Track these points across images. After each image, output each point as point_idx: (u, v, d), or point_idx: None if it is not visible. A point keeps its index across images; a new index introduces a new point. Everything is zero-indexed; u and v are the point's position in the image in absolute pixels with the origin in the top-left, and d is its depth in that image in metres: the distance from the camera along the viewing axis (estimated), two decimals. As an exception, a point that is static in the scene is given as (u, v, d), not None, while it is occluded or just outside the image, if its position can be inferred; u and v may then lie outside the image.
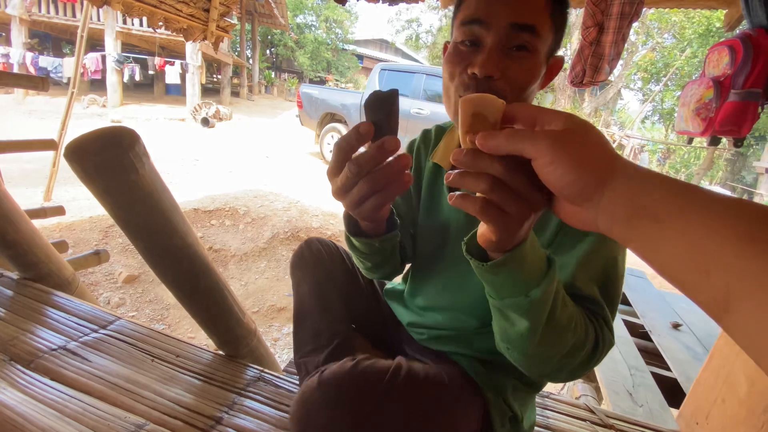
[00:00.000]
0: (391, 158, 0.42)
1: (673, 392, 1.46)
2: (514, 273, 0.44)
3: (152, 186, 0.78)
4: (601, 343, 0.54)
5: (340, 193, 0.45)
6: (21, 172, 4.65)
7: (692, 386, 1.17)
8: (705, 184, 11.24)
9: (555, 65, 0.63)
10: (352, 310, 0.92)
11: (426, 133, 0.85)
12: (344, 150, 0.43)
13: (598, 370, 1.45)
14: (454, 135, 0.77)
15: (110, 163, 0.70)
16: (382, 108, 0.43)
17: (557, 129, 0.32)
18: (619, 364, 1.51)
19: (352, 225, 0.60)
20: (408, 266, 0.88)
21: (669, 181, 0.28)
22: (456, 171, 0.37)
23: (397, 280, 0.99)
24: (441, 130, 0.82)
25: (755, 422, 0.90)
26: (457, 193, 0.38)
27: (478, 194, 0.37)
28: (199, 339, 2.59)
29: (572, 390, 1.44)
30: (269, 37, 19.29)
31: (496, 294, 0.48)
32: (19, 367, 1.01)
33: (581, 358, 0.52)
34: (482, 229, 0.42)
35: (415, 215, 0.84)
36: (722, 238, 0.23)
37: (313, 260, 0.90)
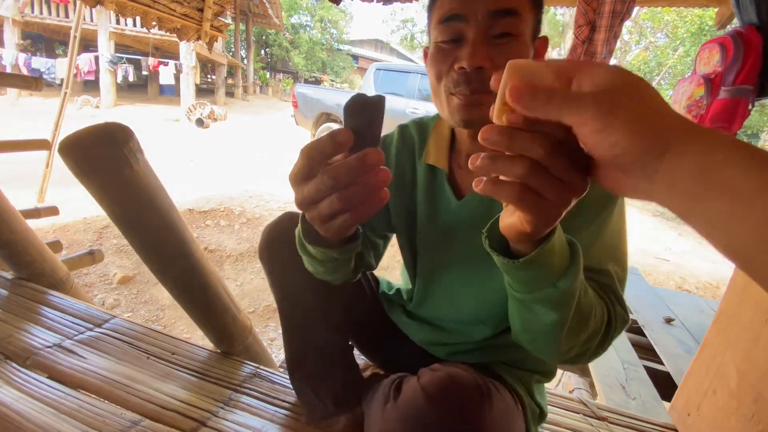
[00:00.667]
0: (370, 173, 0.37)
1: (665, 386, 1.48)
2: (545, 266, 0.40)
3: (147, 182, 0.78)
4: (614, 321, 0.53)
5: (305, 204, 0.39)
6: (14, 173, 4.62)
7: (683, 378, 1.18)
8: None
9: (541, 46, 0.62)
10: (348, 312, 0.83)
11: (404, 130, 0.77)
12: (314, 159, 0.37)
13: (592, 365, 1.47)
14: (442, 132, 0.72)
15: (105, 158, 0.71)
16: (365, 114, 0.37)
17: (603, 87, 0.27)
18: (613, 359, 1.53)
19: (310, 232, 0.52)
20: (399, 270, 0.82)
21: (747, 147, 0.24)
22: (485, 154, 0.32)
23: (392, 279, 0.94)
24: (422, 127, 0.76)
25: (746, 412, 0.92)
26: (485, 179, 0.34)
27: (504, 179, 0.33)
28: (194, 340, 2.58)
29: (566, 384, 1.46)
30: (264, 37, 19.25)
31: (523, 288, 0.44)
32: (15, 365, 1.01)
33: (598, 339, 0.52)
34: (511, 219, 0.37)
35: (382, 220, 0.77)
36: None
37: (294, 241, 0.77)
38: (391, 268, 3.34)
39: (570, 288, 0.42)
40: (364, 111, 0.37)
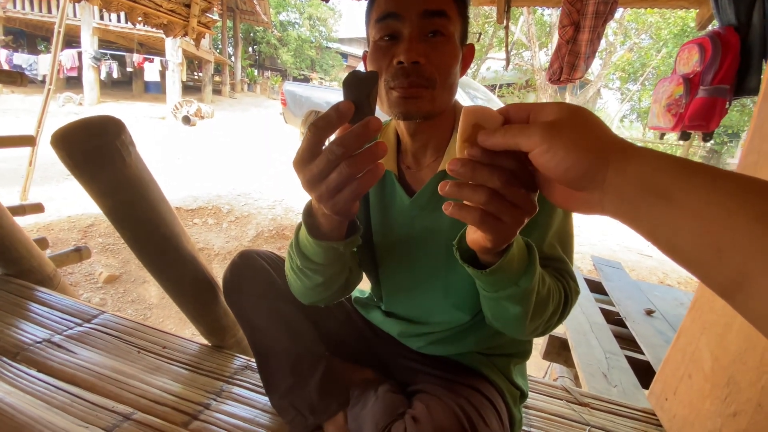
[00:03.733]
0: (371, 143, 0.41)
1: (646, 374, 1.53)
2: (507, 270, 0.47)
3: (139, 174, 0.79)
4: (570, 296, 0.62)
5: (314, 180, 0.42)
6: (-5, 171, 4.51)
7: (661, 365, 1.23)
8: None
9: (469, 53, 0.67)
10: (320, 328, 0.86)
11: None
12: (322, 130, 0.41)
13: (576, 355, 1.52)
14: (388, 136, 0.75)
15: (97, 150, 0.71)
16: (362, 88, 0.41)
17: (550, 117, 0.32)
18: (595, 350, 1.58)
19: (314, 228, 0.54)
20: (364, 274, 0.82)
21: (676, 160, 0.27)
22: (452, 181, 0.37)
23: (363, 287, 0.94)
24: None
25: (719, 394, 0.97)
26: (453, 202, 0.39)
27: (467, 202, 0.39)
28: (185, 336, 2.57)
29: (551, 373, 1.50)
30: (252, 34, 19.05)
31: (490, 288, 0.51)
32: (5, 359, 1.01)
33: (558, 314, 0.60)
34: (475, 235, 0.44)
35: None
36: (736, 218, 0.23)
37: (259, 278, 0.80)
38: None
39: (530, 285, 0.50)
40: (361, 84, 0.41)
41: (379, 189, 0.74)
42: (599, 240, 4.74)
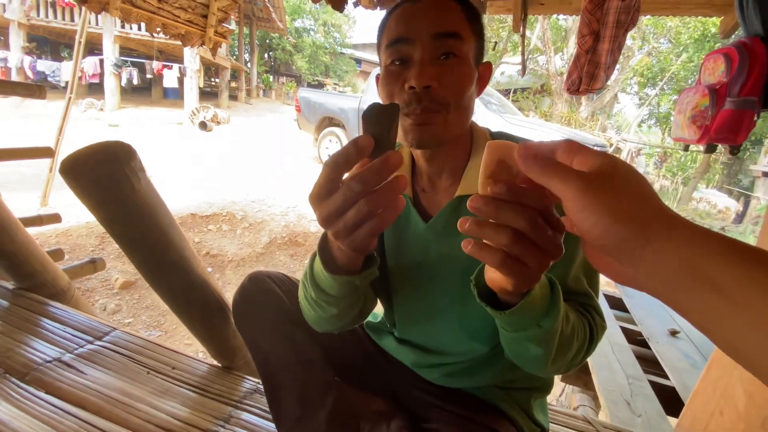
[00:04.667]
0: (390, 177, 0.39)
1: (671, 401, 1.46)
2: (528, 311, 0.44)
3: (148, 201, 0.78)
4: (596, 333, 0.59)
5: (331, 217, 0.40)
6: (19, 176, 4.64)
7: (690, 397, 1.17)
8: (702, 188, 11.29)
9: (485, 71, 0.65)
10: (331, 353, 0.82)
11: None
12: (339, 166, 0.39)
13: (596, 380, 1.45)
14: (403, 156, 0.73)
15: (106, 178, 0.70)
16: (382, 122, 0.40)
17: (592, 170, 0.29)
18: (617, 374, 1.51)
19: (329, 261, 0.52)
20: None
21: (729, 242, 0.24)
22: (473, 218, 0.35)
23: (375, 310, 0.89)
24: None
25: (753, 434, 0.90)
26: (473, 241, 0.36)
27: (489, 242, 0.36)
28: (195, 346, 2.58)
29: (570, 399, 1.44)
30: (267, 41, 19.33)
31: (510, 328, 0.49)
32: (15, 380, 1.01)
33: (583, 353, 0.57)
34: (494, 275, 0.41)
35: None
36: None
37: (270, 302, 0.78)
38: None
39: (553, 327, 0.47)
40: (381, 118, 0.40)
41: None
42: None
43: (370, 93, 6.13)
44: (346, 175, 0.40)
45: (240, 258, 3.75)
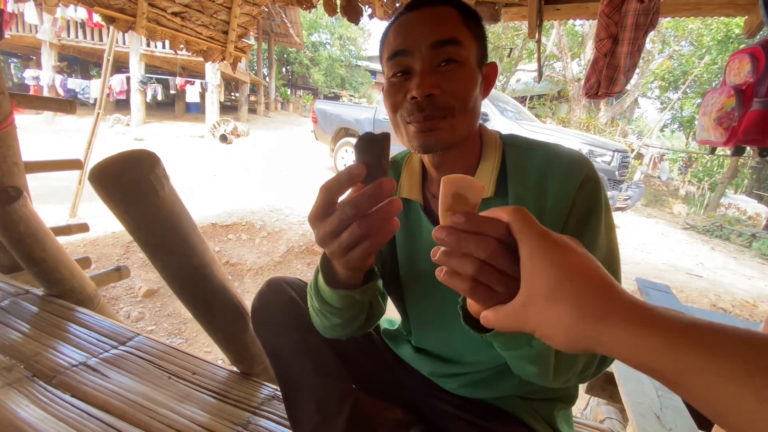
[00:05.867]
0: (383, 202, 0.41)
1: (702, 415, 1.39)
2: (513, 334, 0.44)
3: (172, 207, 0.80)
4: None
5: (327, 238, 0.43)
6: (49, 189, 4.84)
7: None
8: (730, 193, 10.88)
9: (490, 72, 0.65)
10: (348, 360, 0.82)
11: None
12: (332, 191, 0.42)
13: (623, 392, 1.39)
14: (413, 165, 0.73)
15: (132, 185, 0.72)
16: (373, 150, 0.42)
17: (532, 284, 0.32)
18: (645, 386, 1.44)
19: (330, 276, 0.55)
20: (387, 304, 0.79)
21: (673, 330, 0.26)
22: (442, 250, 0.37)
23: (390, 315, 0.88)
24: (394, 165, 0.77)
25: (795, 450, 0.85)
26: (444, 269, 0.37)
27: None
28: (215, 353, 2.61)
29: (596, 412, 1.39)
30: (285, 55, 19.80)
31: (501, 347, 0.49)
32: (42, 383, 1.04)
33: (594, 365, 0.55)
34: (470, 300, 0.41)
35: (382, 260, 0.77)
36: (741, 401, 0.23)
37: (288, 308, 0.78)
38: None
39: (545, 346, 0.45)
40: (373, 147, 0.42)
41: (405, 219, 0.72)
42: (643, 258, 4.47)
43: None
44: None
45: (258, 267, 3.80)
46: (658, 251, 4.71)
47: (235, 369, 1.17)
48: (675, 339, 0.26)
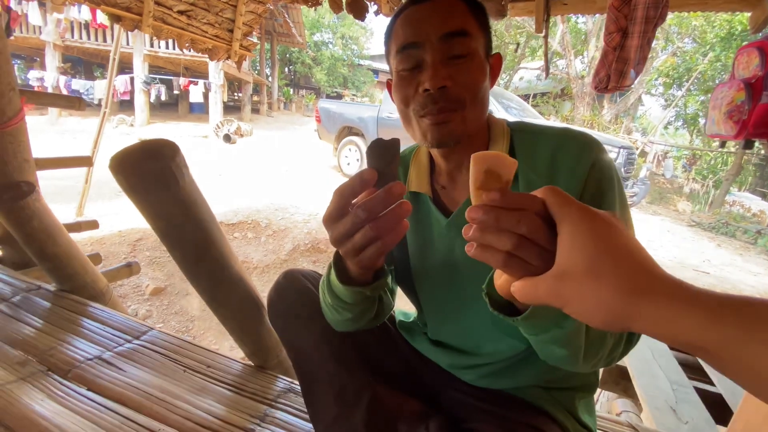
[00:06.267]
0: (394, 204, 0.43)
1: (718, 408, 1.38)
2: (544, 315, 0.44)
3: (191, 197, 0.80)
4: None
5: (341, 239, 0.45)
6: (55, 188, 4.86)
7: (741, 401, 1.10)
8: (734, 190, 10.82)
9: (496, 63, 0.65)
10: (365, 353, 0.81)
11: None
12: (346, 196, 0.44)
13: (638, 386, 1.39)
14: (420, 159, 0.73)
15: (152, 174, 0.72)
16: (384, 155, 0.44)
17: (567, 256, 0.32)
18: (660, 380, 1.44)
19: (342, 273, 0.56)
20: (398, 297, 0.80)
21: (706, 307, 0.27)
22: (475, 227, 0.37)
23: (406, 308, 0.89)
24: (402, 160, 0.77)
25: (818, 441, 0.84)
26: (476, 244, 0.37)
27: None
28: (222, 351, 2.61)
29: (612, 406, 1.38)
30: (288, 55, 19.82)
31: (530, 332, 0.48)
32: (57, 377, 1.04)
33: (621, 346, 0.56)
34: (503, 279, 0.41)
35: (391, 257, 0.77)
36: None
37: (304, 300, 0.77)
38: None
39: (575, 326, 0.46)
40: (384, 153, 0.44)
41: (415, 213, 0.72)
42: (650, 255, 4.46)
43: (387, 102, 6.18)
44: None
45: (265, 265, 3.81)
46: (664, 248, 4.69)
47: (249, 362, 1.17)
48: (720, 312, 0.26)
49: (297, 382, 1.08)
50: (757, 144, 1.85)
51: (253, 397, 1.02)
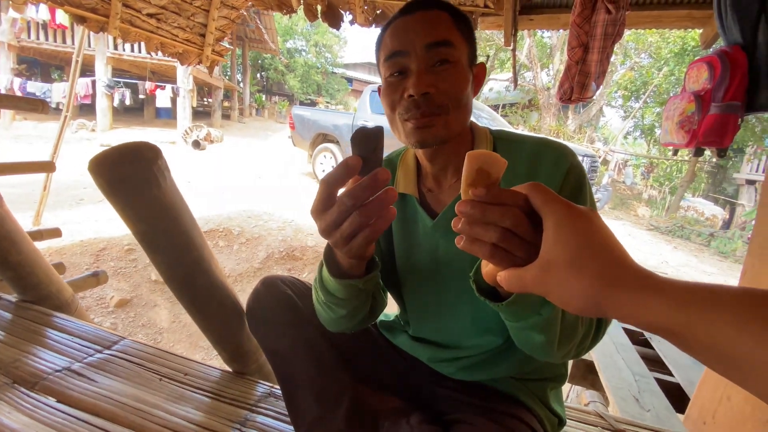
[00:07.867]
0: (380, 191, 0.44)
1: (677, 397, 1.48)
2: (526, 301, 0.48)
3: (173, 200, 0.79)
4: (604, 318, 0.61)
5: (329, 229, 0.46)
6: (6, 197, 4.58)
7: (697, 387, 1.19)
8: (689, 196, 11.53)
9: (480, 72, 0.69)
10: (345, 354, 0.83)
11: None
12: (332, 184, 0.44)
13: (604, 378, 1.47)
14: (407, 161, 0.76)
15: (133, 176, 0.72)
16: (369, 143, 0.45)
17: (550, 247, 0.35)
18: (624, 372, 1.52)
19: (334, 267, 0.57)
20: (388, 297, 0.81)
21: (674, 295, 0.29)
22: (464, 220, 0.39)
23: (390, 310, 0.90)
24: (389, 163, 0.80)
25: (761, 416, 0.92)
26: (465, 237, 0.40)
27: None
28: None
29: (581, 397, 1.45)
30: (260, 61, 19.58)
31: (511, 318, 0.52)
32: (23, 389, 0.99)
33: (591, 337, 0.60)
34: (489, 268, 0.44)
35: (380, 255, 0.79)
36: (740, 346, 0.26)
37: (283, 305, 0.79)
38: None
39: (552, 313, 0.49)
40: (368, 140, 0.45)
41: (401, 213, 0.75)
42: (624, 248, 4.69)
43: (362, 110, 6.23)
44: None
45: (237, 273, 3.73)
46: (628, 248, 4.95)
47: (228, 369, 1.15)
48: (684, 298, 0.29)
49: (277, 387, 1.08)
50: (707, 152, 2.01)
51: (232, 403, 1.01)
